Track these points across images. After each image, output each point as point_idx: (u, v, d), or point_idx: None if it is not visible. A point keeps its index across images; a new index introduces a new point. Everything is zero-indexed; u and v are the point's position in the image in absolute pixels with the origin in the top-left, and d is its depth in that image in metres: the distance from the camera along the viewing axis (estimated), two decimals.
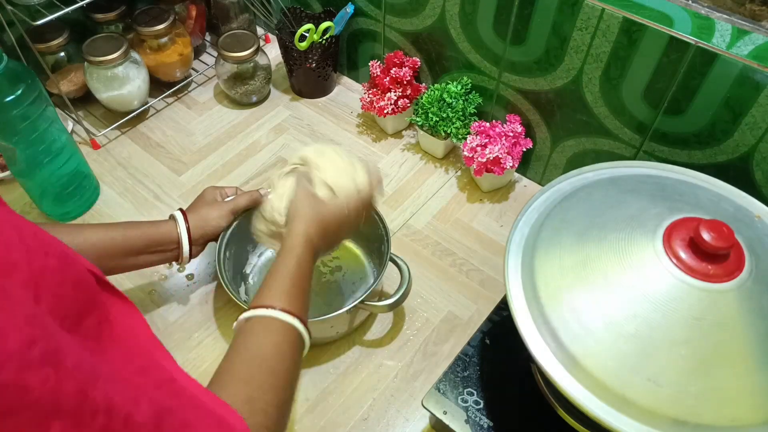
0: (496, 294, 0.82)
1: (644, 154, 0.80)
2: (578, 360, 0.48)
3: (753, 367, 0.46)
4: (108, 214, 0.93)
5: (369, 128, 1.07)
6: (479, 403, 0.62)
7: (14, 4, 0.87)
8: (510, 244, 0.58)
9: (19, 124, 0.76)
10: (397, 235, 0.90)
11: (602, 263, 0.52)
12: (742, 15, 0.68)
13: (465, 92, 0.95)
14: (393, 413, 0.71)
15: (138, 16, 1.03)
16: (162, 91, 1.10)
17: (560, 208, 0.59)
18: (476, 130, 0.92)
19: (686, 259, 0.49)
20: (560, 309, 0.51)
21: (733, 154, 0.71)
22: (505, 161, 0.88)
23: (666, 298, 0.48)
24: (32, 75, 0.77)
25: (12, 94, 0.74)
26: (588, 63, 0.77)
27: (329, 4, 1.07)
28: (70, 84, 1.03)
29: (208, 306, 0.81)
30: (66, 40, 1.01)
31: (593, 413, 0.46)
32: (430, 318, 0.80)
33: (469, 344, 0.67)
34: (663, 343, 0.47)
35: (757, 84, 0.64)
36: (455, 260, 0.87)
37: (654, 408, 0.46)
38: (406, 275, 0.73)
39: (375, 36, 1.05)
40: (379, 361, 0.76)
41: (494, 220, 0.92)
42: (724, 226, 0.49)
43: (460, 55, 0.93)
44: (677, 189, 0.61)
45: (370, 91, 1.02)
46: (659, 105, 0.74)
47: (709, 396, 0.45)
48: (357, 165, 0.68)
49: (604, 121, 0.81)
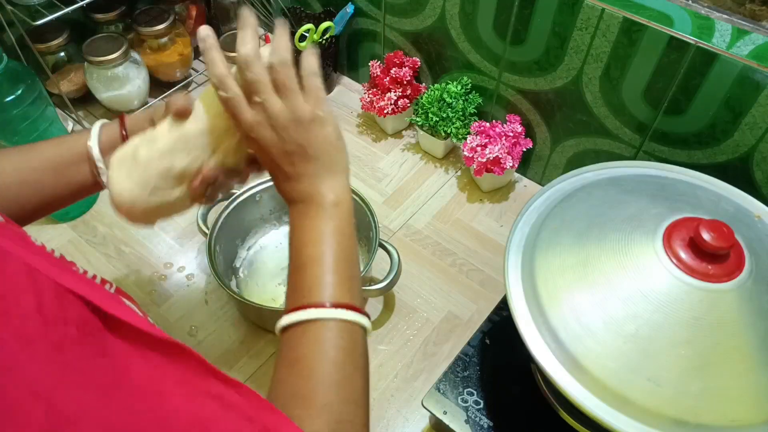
0: (496, 294, 0.82)
1: (644, 154, 0.80)
2: (578, 360, 0.48)
3: (753, 367, 0.46)
4: (108, 214, 0.93)
5: (369, 128, 1.07)
6: (479, 403, 0.62)
7: (14, 4, 0.87)
8: (510, 244, 0.57)
9: (19, 124, 0.76)
10: (397, 235, 0.90)
11: (602, 263, 0.52)
12: (742, 15, 0.68)
13: (465, 92, 0.95)
14: (393, 413, 0.71)
15: (138, 16, 1.03)
16: (162, 91, 1.10)
17: (560, 208, 0.59)
18: (476, 130, 0.92)
19: (686, 259, 0.49)
20: (560, 309, 0.51)
21: (733, 154, 0.71)
22: (505, 161, 0.88)
23: (666, 298, 0.48)
24: (32, 75, 0.77)
25: (12, 94, 0.74)
26: (588, 63, 0.77)
27: (329, 4, 1.07)
28: (70, 84, 1.03)
29: (208, 306, 0.81)
30: (66, 40, 1.01)
31: (593, 413, 0.46)
32: (430, 318, 0.80)
33: (469, 344, 0.67)
34: (663, 343, 0.47)
35: (757, 84, 0.64)
36: (455, 260, 0.87)
37: (654, 408, 0.46)
38: (396, 259, 0.75)
39: (375, 36, 1.05)
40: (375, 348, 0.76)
41: (494, 220, 0.92)
42: (724, 226, 0.49)
43: (460, 55, 0.93)
44: (677, 189, 0.61)
45: (370, 91, 1.02)
46: (659, 105, 0.74)
47: (709, 396, 0.45)
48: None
49: (604, 121, 0.81)
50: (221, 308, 0.81)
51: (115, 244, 0.89)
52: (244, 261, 0.86)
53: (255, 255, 0.86)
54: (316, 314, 0.43)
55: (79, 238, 0.89)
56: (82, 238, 0.89)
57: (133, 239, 0.89)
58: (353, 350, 0.43)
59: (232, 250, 0.84)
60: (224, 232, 0.79)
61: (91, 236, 0.90)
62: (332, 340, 0.42)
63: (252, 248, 0.87)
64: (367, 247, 0.80)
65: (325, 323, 0.43)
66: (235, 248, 0.85)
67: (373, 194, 0.96)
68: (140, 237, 0.89)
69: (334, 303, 0.43)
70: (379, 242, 0.77)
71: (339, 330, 0.43)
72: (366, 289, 0.73)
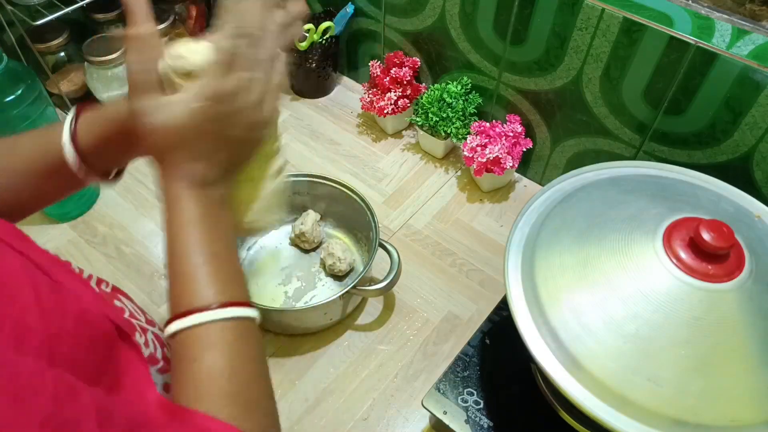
0: (496, 294, 0.82)
1: (644, 154, 0.80)
2: (578, 360, 0.48)
3: (753, 367, 0.46)
4: (108, 214, 0.93)
5: (369, 128, 1.07)
6: (479, 403, 0.62)
7: (14, 4, 0.87)
8: (510, 244, 0.57)
9: (19, 124, 0.76)
10: (397, 235, 0.90)
11: (602, 263, 0.52)
12: (742, 15, 0.68)
13: (465, 92, 0.95)
14: (393, 413, 0.71)
15: None
16: None
17: (560, 208, 0.59)
18: (476, 130, 0.92)
19: (686, 259, 0.49)
20: (560, 309, 0.51)
21: (733, 154, 0.71)
22: (505, 161, 0.88)
23: (666, 298, 0.48)
24: (32, 75, 0.77)
25: (12, 94, 0.74)
26: (588, 63, 0.77)
27: (329, 4, 1.07)
28: (70, 84, 1.03)
29: None
30: (66, 40, 1.01)
31: (593, 413, 0.46)
32: (430, 318, 0.80)
33: (469, 344, 0.67)
34: (663, 343, 0.47)
35: (757, 84, 0.64)
36: (455, 260, 0.87)
37: (654, 408, 0.46)
38: (396, 259, 0.75)
39: (375, 36, 1.05)
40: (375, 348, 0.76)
41: (494, 220, 0.92)
42: (724, 226, 0.49)
43: (460, 55, 0.93)
44: (677, 189, 0.61)
45: (370, 91, 1.02)
46: (659, 105, 0.74)
47: (709, 396, 0.45)
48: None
49: (604, 121, 0.81)
50: None
51: (115, 244, 0.89)
52: (244, 261, 0.85)
53: (255, 255, 0.86)
54: (201, 318, 0.39)
55: (79, 238, 0.89)
56: (82, 238, 0.89)
57: (133, 239, 0.89)
58: (245, 343, 0.40)
59: None
60: None
61: (91, 236, 0.90)
62: (223, 340, 0.39)
63: (252, 248, 0.87)
64: (367, 247, 0.80)
65: (212, 326, 0.39)
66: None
67: (373, 194, 0.96)
68: (140, 237, 0.89)
69: (220, 304, 0.40)
70: (379, 242, 0.77)
71: (227, 330, 0.40)
72: (366, 289, 0.73)
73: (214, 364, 0.38)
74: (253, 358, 0.41)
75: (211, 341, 0.39)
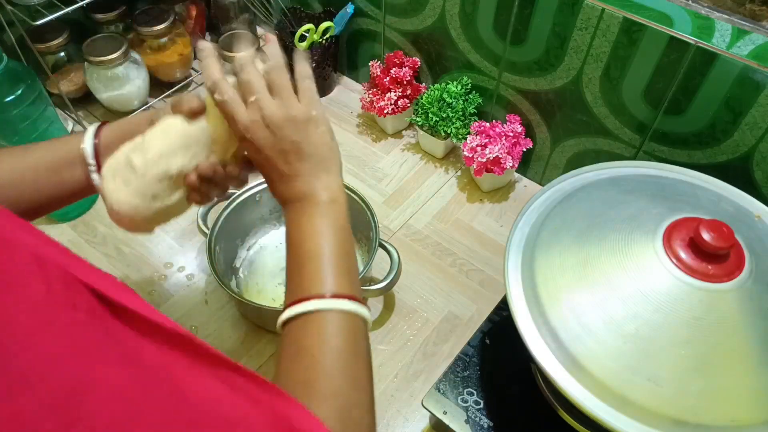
0: (496, 294, 0.82)
1: (644, 154, 0.80)
2: (578, 360, 0.48)
3: (753, 367, 0.46)
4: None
5: (369, 128, 1.07)
6: (479, 403, 0.62)
7: (14, 4, 0.87)
8: (510, 244, 0.57)
9: (19, 124, 0.76)
10: (397, 235, 0.90)
11: (602, 263, 0.52)
12: (742, 15, 0.68)
13: (465, 92, 0.95)
14: (393, 413, 0.71)
15: (138, 16, 1.03)
16: (162, 91, 1.09)
17: (560, 208, 0.59)
18: (476, 130, 0.92)
19: (686, 259, 0.49)
20: (560, 309, 0.51)
21: (733, 154, 0.71)
22: (505, 161, 0.88)
23: (666, 298, 0.48)
24: (32, 75, 0.77)
25: (12, 94, 0.74)
26: (588, 63, 0.77)
27: (329, 4, 1.07)
28: (70, 84, 1.03)
29: (208, 306, 0.81)
30: (66, 40, 1.01)
31: (593, 413, 0.46)
32: (430, 318, 0.80)
33: (469, 344, 0.67)
34: (663, 343, 0.47)
35: (757, 84, 0.64)
36: (455, 260, 0.87)
37: (654, 408, 0.46)
38: (396, 259, 0.75)
39: (375, 36, 1.05)
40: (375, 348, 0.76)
41: (494, 220, 0.92)
42: (724, 226, 0.49)
43: (460, 55, 0.93)
44: (677, 189, 0.61)
45: (370, 91, 1.02)
46: (659, 105, 0.74)
47: (709, 396, 0.45)
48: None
49: (604, 121, 0.81)
50: (221, 308, 0.81)
51: (115, 244, 0.89)
52: (244, 261, 0.86)
53: (255, 255, 0.86)
54: (316, 305, 0.43)
55: (79, 238, 0.89)
56: (82, 238, 0.89)
57: (133, 239, 0.89)
58: (354, 339, 0.43)
59: (232, 250, 0.84)
60: (224, 232, 0.79)
61: (91, 236, 0.90)
62: (333, 329, 0.43)
63: (252, 248, 0.87)
64: (367, 247, 0.80)
65: (325, 314, 0.43)
66: (235, 248, 0.85)
67: (373, 194, 0.96)
68: (140, 237, 0.89)
69: (334, 294, 0.44)
70: (379, 242, 0.77)
71: (339, 320, 0.43)
72: (366, 289, 0.73)
73: (318, 352, 0.41)
74: (357, 351, 0.43)
75: (322, 329, 0.42)
